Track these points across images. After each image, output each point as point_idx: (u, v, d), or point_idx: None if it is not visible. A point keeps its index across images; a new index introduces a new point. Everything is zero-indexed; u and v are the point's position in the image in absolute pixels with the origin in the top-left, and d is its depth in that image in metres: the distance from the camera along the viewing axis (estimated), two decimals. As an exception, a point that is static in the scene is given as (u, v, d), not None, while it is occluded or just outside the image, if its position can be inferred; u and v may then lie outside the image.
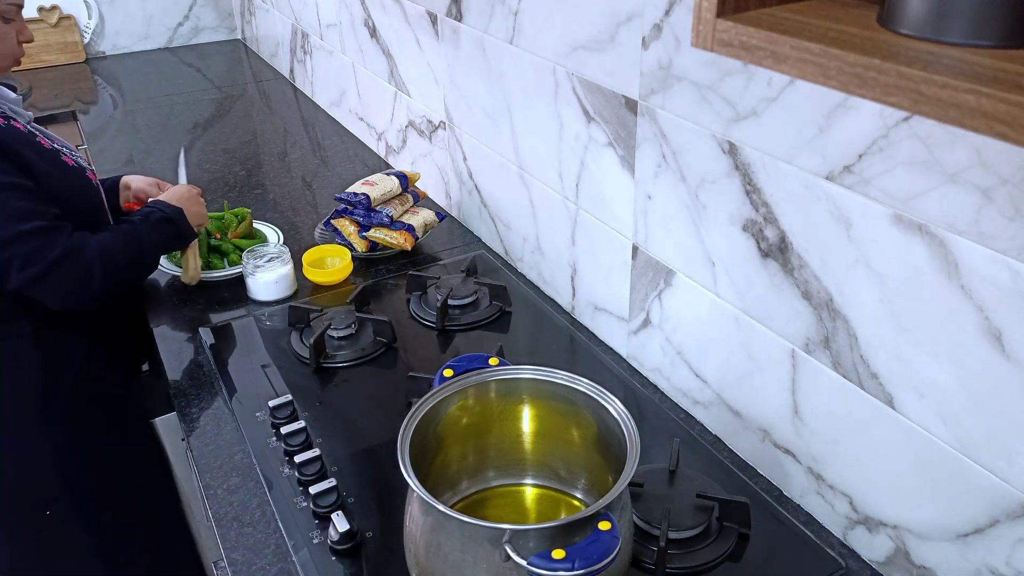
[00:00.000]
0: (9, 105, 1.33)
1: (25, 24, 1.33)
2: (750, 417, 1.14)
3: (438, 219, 1.78)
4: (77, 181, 1.36)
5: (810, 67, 0.55)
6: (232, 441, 1.24)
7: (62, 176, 1.32)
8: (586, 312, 1.47)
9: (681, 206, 1.15)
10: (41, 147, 1.31)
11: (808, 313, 1.00)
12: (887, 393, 0.92)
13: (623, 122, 1.21)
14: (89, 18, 3.20)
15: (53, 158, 1.32)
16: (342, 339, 1.43)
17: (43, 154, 1.30)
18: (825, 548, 1.03)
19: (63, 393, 1.36)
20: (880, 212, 0.86)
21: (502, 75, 1.51)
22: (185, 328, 1.52)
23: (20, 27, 1.32)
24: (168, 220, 1.42)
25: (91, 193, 1.40)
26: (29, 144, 1.28)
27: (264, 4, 2.99)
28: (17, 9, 1.30)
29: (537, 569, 0.76)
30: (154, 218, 1.40)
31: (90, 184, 1.40)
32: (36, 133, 1.34)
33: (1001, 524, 0.84)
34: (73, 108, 2.70)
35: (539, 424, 1.04)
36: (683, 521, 1.03)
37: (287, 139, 2.43)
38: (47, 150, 1.32)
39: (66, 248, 1.22)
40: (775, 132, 0.96)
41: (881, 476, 0.96)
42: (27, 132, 1.30)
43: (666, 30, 1.07)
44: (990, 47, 0.52)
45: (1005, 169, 0.74)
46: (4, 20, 1.28)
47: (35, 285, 1.23)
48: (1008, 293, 0.77)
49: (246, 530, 1.08)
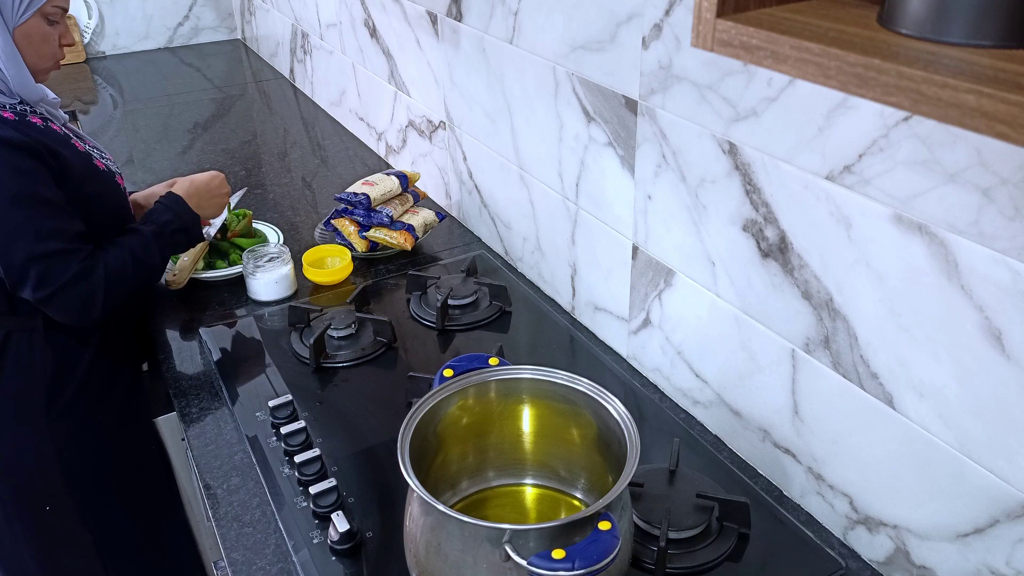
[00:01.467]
0: (47, 107, 1.34)
1: (68, 28, 1.35)
2: (750, 417, 1.14)
3: (438, 219, 1.78)
4: (107, 186, 1.37)
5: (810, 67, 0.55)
6: (232, 441, 1.24)
7: (94, 180, 1.34)
8: (586, 312, 1.47)
9: (681, 206, 1.15)
10: (76, 150, 1.33)
11: (808, 313, 1.00)
12: (887, 393, 0.92)
13: (623, 122, 1.21)
14: (89, 18, 3.20)
15: (86, 161, 1.34)
16: (342, 339, 1.43)
17: (78, 157, 1.32)
18: (825, 548, 1.03)
19: (70, 390, 1.37)
20: (880, 212, 0.86)
21: (502, 75, 1.51)
22: (185, 328, 1.52)
23: (64, 31, 1.33)
24: (183, 231, 1.42)
25: (119, 197, 1.41)
26: (66, 146, 1.30)
27: (264, 4, 2.99)
28: (62, 12, 1.31)
29: (537, 569, 0.76)
30: (170, 230, 1.40)
31: (119, 189, 1.41)
32: (71, 135, 1.35)
33: (1001, 524, 0.84)
34: (73, 108, 2.70)
35: (539, 424, 1.04)
36: (683, 521, 1.03)
37: (287, 139, 2.43)
38: (81, 153, 1.34)
39: (76, 273, 1.24)
40: (775, 132, 0.96)
41: (881, 476, 0.96)
42: (63, 134, 1.32)
43: (666, 30, 1.07)
44: (990, 47, 0.52)
45: (1005, 169, 0.74)
46: (49, 22, 1.29)
47: (43, 304, 1.26)
48: (1008, 293, 0.77)
49: (246, 530, 1.08)
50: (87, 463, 1.41)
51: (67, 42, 1.35)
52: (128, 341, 1.50)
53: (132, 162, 2.26)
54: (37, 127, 1.26)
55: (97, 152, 1.42)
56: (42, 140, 1.24)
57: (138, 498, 1.51)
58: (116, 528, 1.48)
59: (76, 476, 1.40)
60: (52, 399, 1.36)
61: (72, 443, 1.39)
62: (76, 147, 1.33)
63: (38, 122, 1.28)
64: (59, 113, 1.38)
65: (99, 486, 1.44)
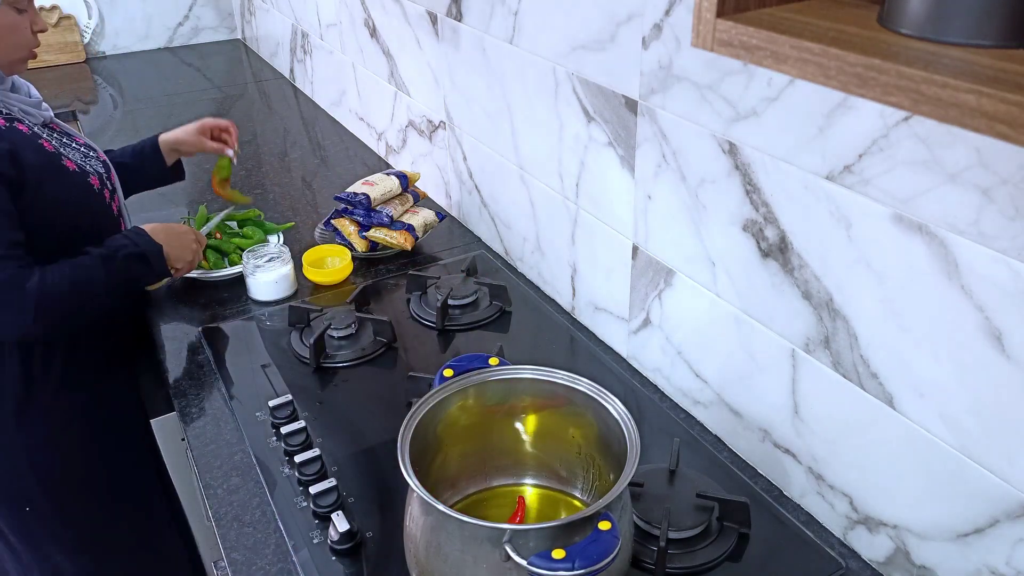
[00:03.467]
0: (20, 105, 1.31)
1: (38, 13, 1.31)
2: (750, 417, 1.14)
3: (438, 219, 1.78)
4: (75, 188, 1.32)
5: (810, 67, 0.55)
6: (232, 441, 1.24)
7: (55, 182, 1.28)
8: (586, 312, 1.47)
9: (681, 206, 1.15)
10: (43, 150, 1.28)
11: (808, 313, 1.00)
12: (887, 393, 0.92)
13: (623, 122, 1.21)
14: (89, 18, 3.20)
15: (52, 162, 1.29)
16: (342, 339, 1.43)
17: (42, 158, 1.27)
18: (825, 548, 1.03)
19: (43, 396, 1.36)
20: (880, 212, 0.86)
21: (502, 75, 1.51)
22: (185, 328, 1.52)
23: (34, 17, 1.29)
24: (140, 257, 1.33)
25: (90, 200, 1.36)
26: (30, 147, 1.25)
27: (264, 4, 2.99)
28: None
29: (537, 569, 0.76)
30: (123, 254, 1.31)
31: (91, 190, 1.35)
32: (41, 135, 1.31)
33: (1001, 524, 0.84)
34: (73, 108, 2.70)
35: (539, 424, 1.04)
36: (683, 521, 1.03)
37: (287, 139, 2.43)
38: (48, 153, 1.29)
39: (4, 281, 1.18)
40: (775, 132, 0.96)
41: (881, 476, 0.96)
42: (30, 134, 1.28)
43: (666, 30, 1.07)
44: (990, 47, 0.52)
45: (1005, 169, 0.74)
46: (17, 10, 1.26)
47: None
48: (1008, 293, 0.77)
49: (246, 530, 1.08)
50: (65, 466, 1.40)
51: (39, 28, 1.30)
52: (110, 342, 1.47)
53: (132, 162, 2.25)
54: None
55: (82, 152, 1.38)
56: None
57: (128, 499, 1.51)
58: (105, 529, 1.48)
59: (55, 478, 1.39)
60: (22, 407, 1.34)
61: (47, 447, 1.38)
62: (44, 147, 1.28)
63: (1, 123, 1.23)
64: (39, 112, 1.34)
65: (80, 488, 1.43)
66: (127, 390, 1.52)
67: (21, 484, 1.38)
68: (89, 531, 1.46)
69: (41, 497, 1.40)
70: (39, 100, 1.37)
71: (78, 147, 1.40)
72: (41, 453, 1.38)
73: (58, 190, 1.29)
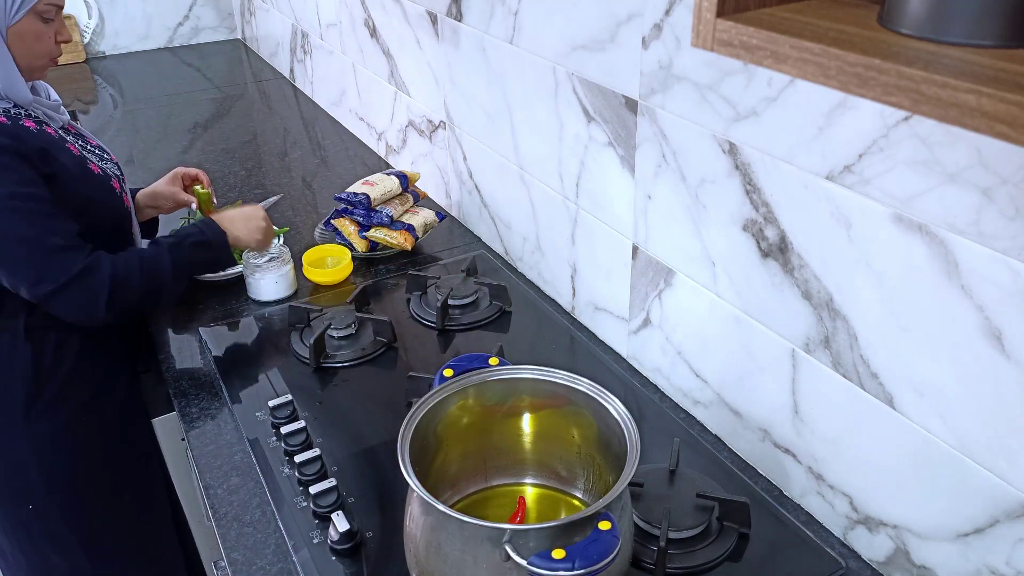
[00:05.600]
0: (43, 109, 1.33)
1: (64, 24, 1.34)
2: (750, 417, 1.14)
3: (438, 219, 1.78)
4: (100, 190, 1.36)
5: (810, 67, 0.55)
6: (232, 441, 1.24)
7: (87, 185, 1.32)
8: (586, 312, 1.47)
9: (681, 206, 1.15)
10: (71, 153, 1.32)
11: (808, 313, 1.00)
12: (887, 393, 0.92)
13: (623, 122, 1.21)
14: (89, 18, 3.20)
15: (81, 165, 1.32)
16: (342, 339, 1.43)
17: (72, 161, 1.30)
18: (825, 548, 1.03)
19: (52, 391, 1.36)
20: (880, 212, 0.86)
21: (502, 75, 1.51)
22: (185, 328, 1.52)
23: (59, 27, 1.32)
24: (205, 244, 1.39)
25: (114, 201, 1.39)
26: (60, 149, 1.29)
27: (264, 4, 2.99)
28: (57, 10, 1.29)
29: (537, 569, 0.76)
30: (189, 242, 1.37)
31: (113, 193, 1.39)
32: (66, 138, 1.34)
33: (1001, 524, 0.84)
34: (73, 108, 2.70)
35: (539, 424, 1.04)
36: (683, 521, 1.03)
37: (287, 139, 2.43)
38: (76, 157, 1.32)
39: (80, 270, 1.23)
40: (775, 132, 0.96)
41: (881, 476, 0.96)
42: (58, 137, 1.31)
43: (666, 30, 1.07)
44: (990, 47, 0.52)
45: (1005, 169, 0.74)
46: (43, 20, 1.28)
47: (46, 301, 1.24)
48: (1008, 293, 0.77)
49: (246, 530, 1.08)
50: (71, 464, 1.40)
51: (63, 38, 1.33)
52: (117, 341, 1.48)
53: (132, 162, 2.26)
54: (30, 130, 1.25)
55: (98, 154, 1.41)
56: (34, 143, 1.23)
57: (129, 499, 1.51)
58: (104, 529, 1.47)
59: (55, 476, 1.39)
60: (31, 400, 1.35)
61: (53, 444, 1.38)
62: (71, 151, 1.32)
63: (31, 125, 1.27)
64: (59, 115, 1.37)
65: (85, 487, 1.43)
66: (130, 388, 1.52)
67: (25, 482, 1.38)
68: (89, 530, 1.46)
69: (45, 496, 1.39)
70: (58, 103, 1.39)
71: (93, 149, 1.43)
72: (48, 451, 1.38)
73: (89, 192, 1.33)
